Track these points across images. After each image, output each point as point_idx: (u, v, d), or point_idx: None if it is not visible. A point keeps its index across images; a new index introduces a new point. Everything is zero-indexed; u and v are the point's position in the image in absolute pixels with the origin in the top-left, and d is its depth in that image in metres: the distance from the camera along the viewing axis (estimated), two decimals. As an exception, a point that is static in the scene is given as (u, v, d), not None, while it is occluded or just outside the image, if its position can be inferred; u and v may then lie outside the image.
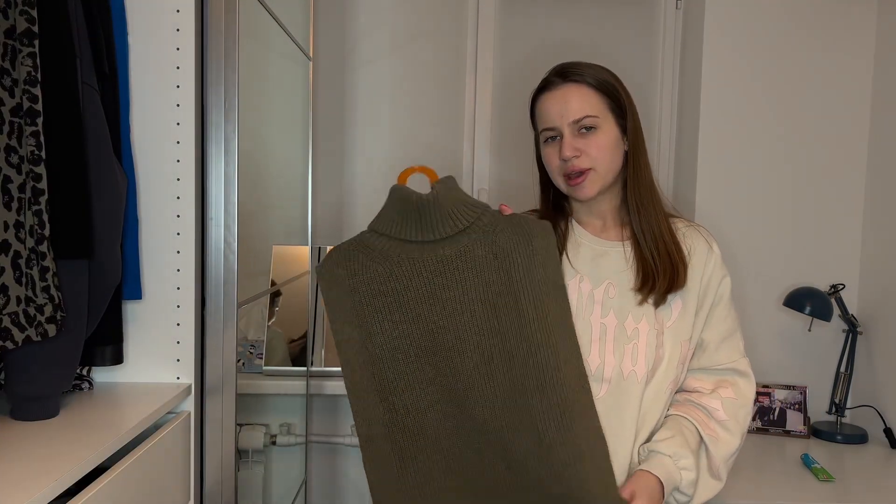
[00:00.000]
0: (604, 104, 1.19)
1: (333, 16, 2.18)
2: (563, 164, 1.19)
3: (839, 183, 2.08)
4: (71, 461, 0.89)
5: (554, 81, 1.20)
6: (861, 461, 1.82)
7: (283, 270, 2.07)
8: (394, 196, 1.15)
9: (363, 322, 1.14)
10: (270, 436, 2.08)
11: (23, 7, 0.94)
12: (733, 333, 1.26)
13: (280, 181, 2.10)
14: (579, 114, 1.17)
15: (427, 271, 1.13)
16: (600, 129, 1.18)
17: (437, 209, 1.13)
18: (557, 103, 1.19)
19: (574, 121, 1.17)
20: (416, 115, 2.21)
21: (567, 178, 1.20)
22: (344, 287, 1.15)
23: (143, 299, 1.25)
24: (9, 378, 1.03)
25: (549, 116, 1.20)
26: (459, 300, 1.12)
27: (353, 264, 1.15)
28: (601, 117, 1.18)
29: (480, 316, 1.12)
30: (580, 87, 1.18)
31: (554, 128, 1.19)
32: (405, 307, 1.13)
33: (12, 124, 0.93)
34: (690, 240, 1.25)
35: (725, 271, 1.26)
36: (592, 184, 1.19)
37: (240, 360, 1.90)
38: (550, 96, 1.20)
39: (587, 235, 1.25)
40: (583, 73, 1.19)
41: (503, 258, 1.13)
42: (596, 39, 2.20)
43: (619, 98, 1.20)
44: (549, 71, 1.24)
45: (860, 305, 2.08)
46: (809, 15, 2.04)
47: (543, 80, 1.23)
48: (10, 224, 0.92)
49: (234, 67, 1.25)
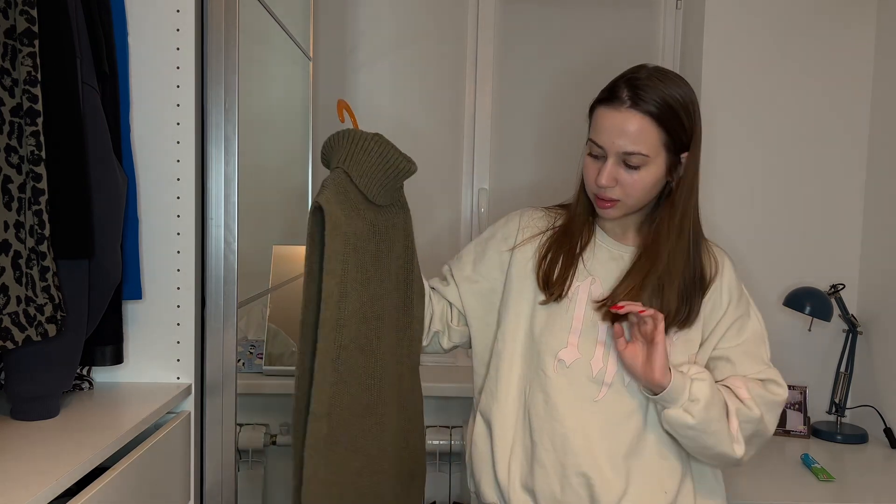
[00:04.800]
0: (660, 140, 1.12)
1: (333, 16, 2.18)
2: (597, 186, 1.16)
3: (839, 183, 2.08)
4: (71, 461, 0.89)
5: (620, 99, 1.12)
6: (861, 461, 1.82)
7: (283, 270, 2.06)
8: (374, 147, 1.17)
9: (343, 278, 1.12)
10: (270, 436, 2.08)
11: (23, 7, 0.94)
12: (759, 346, 1.22)
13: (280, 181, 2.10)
14: (631, 148, 1.11)
15: (378, 237, 1.17)
16: (644, 168, 1.13)
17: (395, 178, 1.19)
18: (614, 127, 1.12)
19: (623, 152, 1.12)
20: (416, 115, 2.21)
21: (597, 197, 1.18)
22: (338, 232, 1.11)
23: (143, 299, 1.25)
24: (9, 378, 1.03)
25: (602, 135, 1.13)
26: (388, 269, 1.18)
27: (344, 210, 1.13)
28: (651, 156, 1.12)
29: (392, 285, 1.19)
30: (642, 119, 1.10)
31: (602, 147, 1.13)
32: (365, 270, 1.15)
33: (12, 124, 0.93)
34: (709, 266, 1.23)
35: (741, 289, 1.24)
36: (616, 211, 1.17)
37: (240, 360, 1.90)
38: (610, 115, 1.12)
39: (607, 239, 1.25)
40: (651, 100, 1.10)
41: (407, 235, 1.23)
42: (596, 39, 2.20)
43: (682, 132, 1.14)
44: (622, 77, 1.15)
45: (860, 305, 2.08)
46: (809, 15, 2.04)
47: (612, 87, 1.14)
48: (10, 224, 0.92)
49: (234, 67, 1.25)
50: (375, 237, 1.17)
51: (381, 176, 1.17)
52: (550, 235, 1.26)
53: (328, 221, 1.10)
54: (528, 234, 1.28)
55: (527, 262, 1.26)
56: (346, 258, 1.12)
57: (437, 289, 1.33)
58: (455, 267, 1.33)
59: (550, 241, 1.26)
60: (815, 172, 2.08)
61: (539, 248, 1.26)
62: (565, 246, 1.24)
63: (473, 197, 2.21)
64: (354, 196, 1.15)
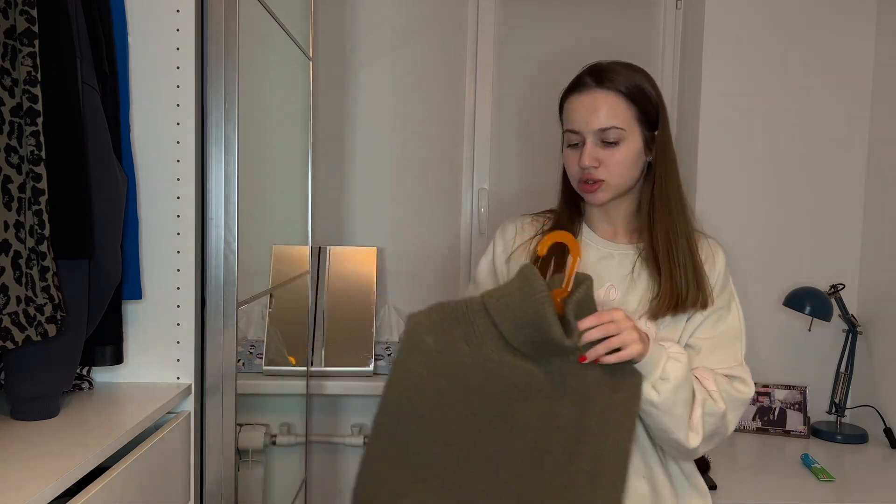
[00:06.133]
0: (632, 114, 1.16)
1: (333, 16, 2.18)
2: (581, 170, 1.18)
3: (839, 183, 2.08)
4: (71, 461, 0.89)
5: (586, 84, 1.17)
6: (861, 461, 1.82)
7: (283, 270, 2.07)
8: (523, 286, 1.04)
9: (425, 408, 1.07)
10: (270, 436, 2.08)
11: (23, 7, 0.94)
12: (733, 341, 1.22)
13: (280, 181, 2.10)
14: (605, 124, 1.14)
15: (506, 376, 1.06)
16: (623, 143, 1.16)
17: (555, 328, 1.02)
18: (585, 108, 1.16)
19: (599, 129, 1.15)
20: (416, 115, 2.21)
21: (582, 183, 1.19)
22: (425, 362, 1.06)
23: (143, 299, 1.25)
24: (9, 378, 1.03)
25: (575, 120, 1.17)
26: (524, 417, 1.06)
27: (445, 339, 1.06)
28: (627, 129, 1.15)
29: (534, 439, 1.06)
30: (610, 95, 1.15)
31: (578, 132, 1.17)
32: (470, 405, 1.06)
33: (12, 124, 0.93)
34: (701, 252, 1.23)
35: (726, 281, 1.24)
36: (604, 193, 1.18)
37: (240, 360, 1.90)
38: (579, 99, 1.17)
39: (595, 238, 1.26)
40: (616, 79, 1.15)
41: (580, 398, 1.06)
42: (596, 39, 2.20)
43: (650, 108, 1.17)
44: (584, 69, 1.20)
45: (860, 305, 2.08)
46: (809, 15, 2.04)
47: (576, 78, 1.19)
48: (10, 224, 0.92)
49: (234, 67, 1.25)
50: (489, 376, 1.07)
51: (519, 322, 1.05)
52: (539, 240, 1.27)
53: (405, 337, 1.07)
54: (520, 240, 1.29)
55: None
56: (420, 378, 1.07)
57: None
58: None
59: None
60: (815, 172, 2.08)
61: (531, 254, 1.26)
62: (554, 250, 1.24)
63: (473, 197, 2.21)
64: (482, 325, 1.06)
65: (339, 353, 2.06)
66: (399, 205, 2.22)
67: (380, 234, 2.22)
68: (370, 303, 2.11)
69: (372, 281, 2.13)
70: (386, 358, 2.09)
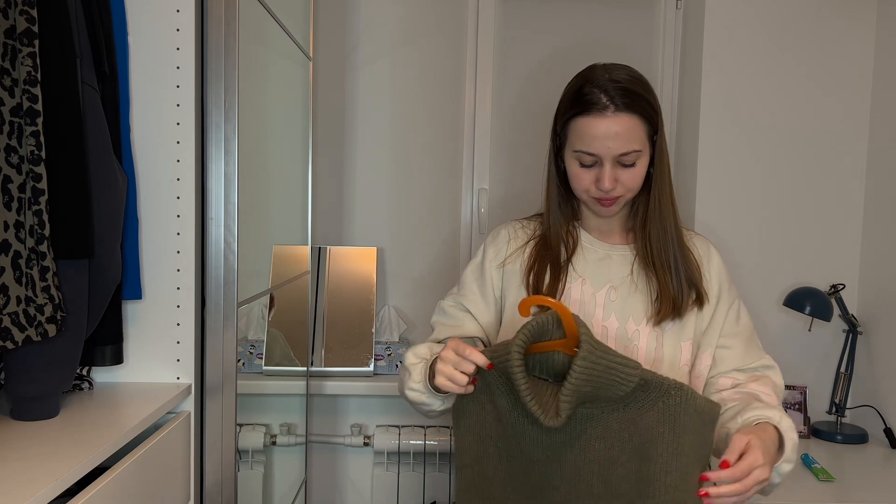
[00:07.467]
0: (645, 133, 1.15)
1: (333, 16, 2.18)
2: (597, 189, 1.17)
3: (839, 183, 2.08)
4: (71, 461, 0.89)
5: (605, 106, 1.11)
6: (861, 461, 1.82)
7: (283, 270, 2.07)
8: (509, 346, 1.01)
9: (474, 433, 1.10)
10: (270, 436, 2.08)
11: (23, 7, 0.94)
12: (753, 333, 1.26)
13: (280, 181, 2.10)
14: (626, 149, 1.12)
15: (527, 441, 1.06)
16: (639, 161, 1.15)
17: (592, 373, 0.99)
18: (604, 134, 1.12)
19: (620, 154, 1.13)
20: (416, 115, 2.21)
21: (598, 200, 1.18)
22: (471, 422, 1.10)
23: (143, 299, 1.25)
24: (9, 378, 1.03)
25: (592, 143, 1.13)
26: (575, 463, 1.04)
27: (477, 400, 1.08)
28: (643, 149, 1.15)
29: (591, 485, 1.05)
30: (626, 119, 1.12)
31: (595, 154, 1.14)
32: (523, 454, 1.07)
33: (12, 124, 0.93)
34: (696, 249, 1.26)
35: (725, 276, 1.26)
36: (618, 206, 1.20)
37: (240, 360, 1.90)
38: (595, 123, 1.12)
39: (592, 240, 1.26)
40: (629, 98, 1.12)
41: (639, 443, 1.01)
42: (596, 39, 2.20)
43: (656, 119, 1.16)
44: (587, 82, 1.14)
45: (860, 305, 2.08)
46: (809, 15, 2.04)
47: (590, 96, 1.12)
48: (10, 224, 0.92)
49: (234, 67, 1.25)
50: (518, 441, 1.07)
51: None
52: (533, 246, 1.27)
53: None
54: (514, 246, 1.29)
55: (516, 274, 1.26)
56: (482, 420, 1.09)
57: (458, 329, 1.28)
58: (465, 300, 1.29)
59: (535, 253, 1.26)
60: (815, 172, 2.08)
61: (525, 260, 1.26)
62: (549, 257, 1.24)
63: (473, 197, 2.21)
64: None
65: (338, 354, 2.06)
66: (399, 205, 2.22)
67: (380, 234, 2.23)
68: (370, 303, 2.11)
69: (372, 281, 2.14)
70: (386, 358, 2.09)
